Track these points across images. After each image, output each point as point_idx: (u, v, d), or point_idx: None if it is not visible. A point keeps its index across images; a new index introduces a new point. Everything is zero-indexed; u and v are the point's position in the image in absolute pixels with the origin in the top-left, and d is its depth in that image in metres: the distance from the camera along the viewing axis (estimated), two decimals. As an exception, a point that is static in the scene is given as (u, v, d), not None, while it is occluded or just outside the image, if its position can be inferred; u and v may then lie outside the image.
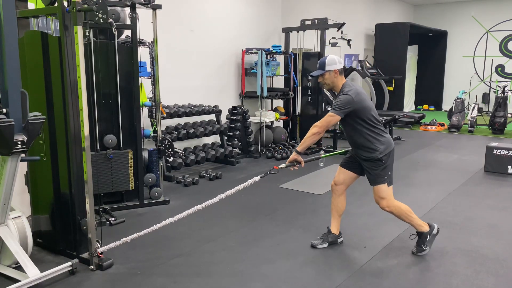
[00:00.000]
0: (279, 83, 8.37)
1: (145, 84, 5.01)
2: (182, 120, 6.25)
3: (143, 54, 4.83)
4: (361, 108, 3.19)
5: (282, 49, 7.82)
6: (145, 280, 3.06)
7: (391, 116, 8.70)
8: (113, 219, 4.09)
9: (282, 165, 3.30)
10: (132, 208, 4.53)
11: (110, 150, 4.33)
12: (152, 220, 4.15)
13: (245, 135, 7.10)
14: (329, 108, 8.66)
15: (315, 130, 3.21)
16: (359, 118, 3.22)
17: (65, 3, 3.05)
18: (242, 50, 7.42)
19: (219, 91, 7.28)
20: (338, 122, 3.47)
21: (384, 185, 3.28)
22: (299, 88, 7.95)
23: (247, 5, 7.73)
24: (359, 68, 10.99)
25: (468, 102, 12.97)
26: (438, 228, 3.49)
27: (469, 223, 4.18)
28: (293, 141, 8.05)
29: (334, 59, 3.30)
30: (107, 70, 4.25)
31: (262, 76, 7.06)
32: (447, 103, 13.48)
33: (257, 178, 3.23)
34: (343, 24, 7.44)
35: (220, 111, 6.62)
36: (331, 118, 3.18)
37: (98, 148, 4.29)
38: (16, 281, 2.84)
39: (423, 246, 3.43)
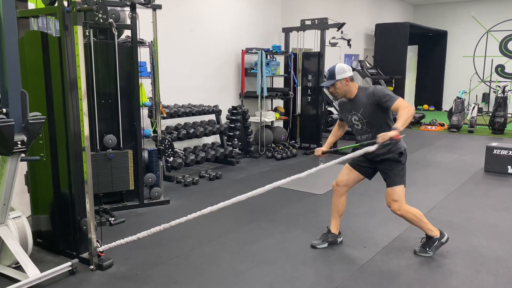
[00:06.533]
0: (279, 83, 8.37)
1: (145, 84, 5.01)
2: (182, 120, 6.25)
3: (143, 54, 4.83)
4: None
5: (282, 49, 7.82)
6: (145, 280, 3.06)
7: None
8: (113, 219, 4.09)
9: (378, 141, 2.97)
10: (132, 208, 4.52)
11: (110, 150, 4.32)
12: (152, 220, 4.16)
13: (245, 135, 7.09)
14: (330, 108, 8.69)
15: (413, 110, 3.07)
16: (388, 115, 3.24)
17: (65, 3, 3.05)
18: (242, 50, 7.42)
19: (219, 91, 7.28)
20: (361, 125, 3.34)
21: (401, 186, 3.27)
22: (299, 88, 7.95)
23: (247, 5, 7.73)
24: (359, 68, 10.99)
25: (468, 102, 12.97)
26: (448, 238, 3.46)
27: (469, 223, 4.18)
28: (293, 141, 8.05)
29: (343, 67, 3.27)
30: (107, 70, 4.25)
31: (262, 76, 7.06)
32: (447, 103, 13.47)
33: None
34: (343, 24, 7.44)
35: (220, 111, 6.62)
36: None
37: (98, 148, 4.29)
38: (16, 281, 2.84)
39: (427, 249, 3.43)
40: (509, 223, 4.21)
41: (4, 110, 2.66)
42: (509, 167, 6.04)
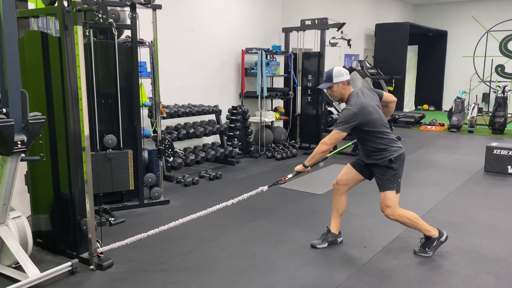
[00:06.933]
0: (279, 83, 8.38)
1: (145, 84, 5.01)
2: (182, 120, 6.25)
3: (143, 54, 4.83)
4: (367, 121, 3.17)
5: (282, 49, 7.82)
6: (145, 280, 3.06)
7: (391, 116, 8.69)
8: (113, 219, 4.09)
9: (290, 176, 3.35)
10: (132, 208, 4.53)
11: (110, 150, 4.33)
12: (152, 220, 4.16)
13: (245, 135, 7.09)
14: (330, 108, 8.69)
15: (325, 148, 3.19)
16: (367, 129, 3.20)
17: (65, 3, 3.05)
18: (242, 50, 7.42)
19: (219, 91, 7.28)
20: None
21: (392, 192, 3.26)
22: (299, 88, 7.95)
23: (247, 5, 7.73)
24: (359, 68, 10.99)
25: (468, 102, 12.97)
26: (447, 237, 3.46)
27: (469, 223, 4.18)
28: (293, 141, 8.06)
29: (341, 71, 3.30)
30: (107, 70, 4.25)
31: (262, 76, 7.06)
32: (447, 103, 13.48)
33: (264, 188, 3.30)
34: (343, 24, 7.44)
35: (220, 111, 6.62)
36: (339, 135, 3.16)
37: (98, 148, 4.29)
38: (16, 281, 2.84)
39: (427, 249, 3.43)
40: (509, 223, 4.21)
41: (4, 110, 2.66)
42: (509, 167, 6.04)
